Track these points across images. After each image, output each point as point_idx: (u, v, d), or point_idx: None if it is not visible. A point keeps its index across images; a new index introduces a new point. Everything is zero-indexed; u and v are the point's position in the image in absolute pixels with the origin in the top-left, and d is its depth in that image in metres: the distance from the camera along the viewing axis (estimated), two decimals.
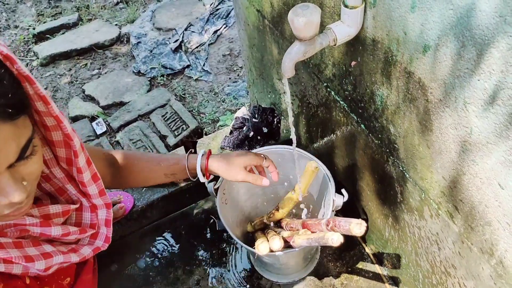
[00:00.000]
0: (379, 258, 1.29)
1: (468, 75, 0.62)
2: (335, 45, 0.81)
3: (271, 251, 1.02)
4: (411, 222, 1.00)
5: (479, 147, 0.66)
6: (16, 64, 0.54)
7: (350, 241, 1.36)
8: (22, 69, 0.55)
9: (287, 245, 1.08)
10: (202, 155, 1.04)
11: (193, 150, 1.12)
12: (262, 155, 1.05)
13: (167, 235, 1.48)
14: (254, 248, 1.05)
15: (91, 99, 1.78)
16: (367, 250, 1.33)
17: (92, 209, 0.83)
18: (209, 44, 2.66)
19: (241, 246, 1.43)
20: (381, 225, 1.17)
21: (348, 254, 1.34)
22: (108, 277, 1.33)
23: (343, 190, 1.09)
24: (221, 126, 1.99)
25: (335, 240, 0.83)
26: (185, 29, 3.00)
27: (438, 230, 0.89)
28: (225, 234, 1.47)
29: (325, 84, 1.12)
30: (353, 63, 0.93)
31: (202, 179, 1.05)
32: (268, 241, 1.03)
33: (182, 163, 1.07)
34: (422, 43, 0.69)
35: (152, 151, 1.77)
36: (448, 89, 0.67)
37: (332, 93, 1.09)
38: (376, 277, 1.27)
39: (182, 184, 1.45)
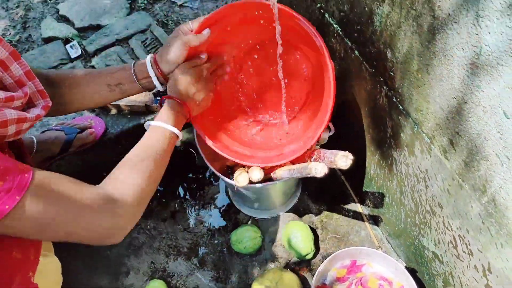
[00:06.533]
0: (361, 197, 1.25)
1: None
2: None
3: (251, 182, 0.96)
4: (399, 158, 0.94)
5: (487, 70, 0.58)
6: None
7: (333, 180, 1.31)
8: None
9: (267, 178, 1.02)
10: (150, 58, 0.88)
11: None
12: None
13: None
14: (233, 180, 0.99)
15: (66, 20, 1.63)
16: (350, 189, 1.28)
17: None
18: None
19: (219, 180, 1.38)
20: (367, 162, 1.11)
21: (330, 192, 1.29)
22: None
23: (330, 124, 1.02)
24: None
25: (319, 170, 0.76)
26: None
27: (428, 167, 0.84)
28: (201, 169, 1.41)
29: (319, 5, 1.01)
30: None
31: (160, 87, 0.89)
32: (247, 172, 0.97)
33: (127, 69, 0.89)
34: None
35: None
36: (460, 0, 0.59)
37: (326, 15, 0.99)
38: (357, 216, 1.24)
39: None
